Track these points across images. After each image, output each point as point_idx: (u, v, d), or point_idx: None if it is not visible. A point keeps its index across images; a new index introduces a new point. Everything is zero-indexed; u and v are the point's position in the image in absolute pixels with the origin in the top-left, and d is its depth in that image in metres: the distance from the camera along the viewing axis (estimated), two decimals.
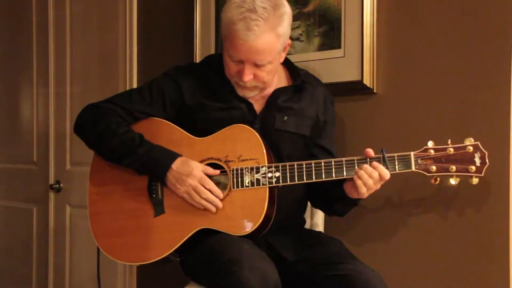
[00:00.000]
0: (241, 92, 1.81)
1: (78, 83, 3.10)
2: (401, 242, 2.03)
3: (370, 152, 1.66)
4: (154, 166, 1.77)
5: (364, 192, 1.66)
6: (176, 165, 1.75)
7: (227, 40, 1.74)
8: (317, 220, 2.07)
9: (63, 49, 3.15)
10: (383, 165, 1.63)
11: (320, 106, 1.90)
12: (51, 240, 3.21)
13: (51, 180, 3.19)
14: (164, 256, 1.76)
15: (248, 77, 1.73)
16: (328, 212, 1.96)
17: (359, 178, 1.64)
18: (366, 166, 1.64)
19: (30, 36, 3.32)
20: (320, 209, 2.00)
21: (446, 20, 1.93)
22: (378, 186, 1.66)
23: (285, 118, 1.83)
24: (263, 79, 1.77)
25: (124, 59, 2.84)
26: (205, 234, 1.72)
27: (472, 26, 1.87)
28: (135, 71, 2.81)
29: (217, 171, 1.75)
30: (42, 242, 3.28)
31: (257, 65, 1.72)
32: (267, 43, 1.69)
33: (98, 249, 1.88)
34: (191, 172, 1.73)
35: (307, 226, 2.03)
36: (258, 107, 1.84)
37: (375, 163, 1.64)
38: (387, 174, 1.63)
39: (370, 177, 1.63)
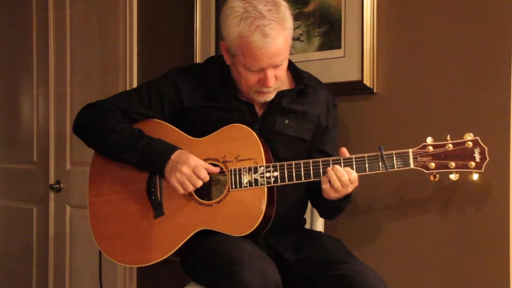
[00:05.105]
0: (262, 98, 1.77)
1: (78, 83, 3.10)
2: (401, 242, 2.03)
3: (344, 151, 1.66)
4: (154, 158, 1.76)
5: (331, 195, 1.66)
6: (174, 155, 1.74)
7: (241, 55, 1.70)
8: (317, 220, 2.07)
9: (63, 49, 3.15)
10: (382, 163, 1.62)
11: (323, 111, 1.89)
12: (51, 240, 3.21)
13: (51, 180, 3.19)
14: (164, 258, 1.76)
15: (273, 81, 1.71)
16: (321, 215, 1.95)
17: (326, 182, 1.64)
18: (331, 171, 1.63)
19: (30, 36, 3.32)
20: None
21: (446, 20, 1.93)
22: (349, 189, 1.66)
23: (286, 121, 1.82)
24: (282, 77, 1.77)
25: (124, 58, 2.84)
26: (205, 235, 1.72)
27: (472, 26, 1.87)
28: (135, 71, 2.81)
29: (217, 169, 1.74)
30: (42, 242, 3.28)
31: (276, 66, 1.71)
32: (283, 42, 1.68)
33: (100, 252, 1.88)
34: (186, 161, 1.71)
35: (307, 226, 2.03)
36: (259, 109, 1.83)
37: (336, 166, 1.63)
38: (354, 176, 1.63)
39: (339, 180, 1.63)
